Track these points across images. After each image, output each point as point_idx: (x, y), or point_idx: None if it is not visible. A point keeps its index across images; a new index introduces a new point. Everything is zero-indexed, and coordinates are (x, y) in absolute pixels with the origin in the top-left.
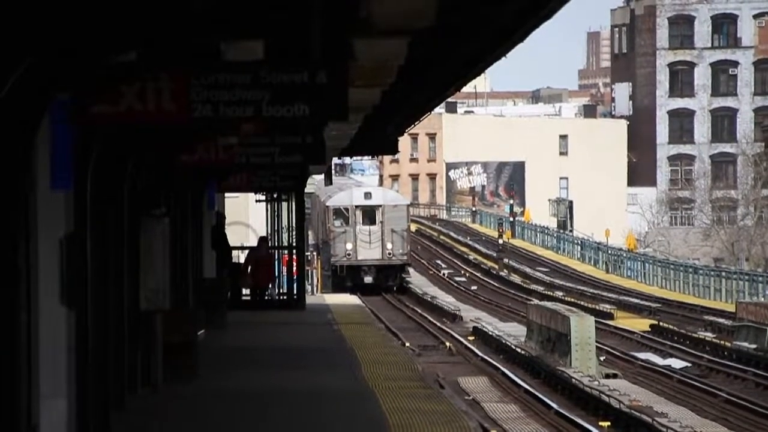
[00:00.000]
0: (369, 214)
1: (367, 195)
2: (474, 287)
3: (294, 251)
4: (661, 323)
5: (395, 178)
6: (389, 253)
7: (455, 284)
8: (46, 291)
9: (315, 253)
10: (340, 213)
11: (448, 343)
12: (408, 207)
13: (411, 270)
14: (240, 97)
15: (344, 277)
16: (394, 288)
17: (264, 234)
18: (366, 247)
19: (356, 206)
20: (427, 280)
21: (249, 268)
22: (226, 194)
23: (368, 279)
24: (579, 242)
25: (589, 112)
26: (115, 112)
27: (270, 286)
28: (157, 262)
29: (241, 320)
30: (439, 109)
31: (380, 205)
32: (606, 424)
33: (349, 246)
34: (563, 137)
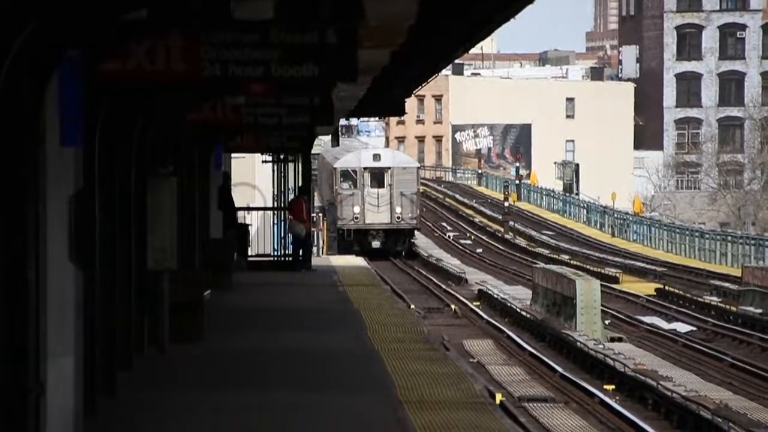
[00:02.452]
0: (377, 177)
1: (376, 157)
2: (479, 250)
3: None
4: (666, 287)
5: (401, 140)
6: (398, 217)
7: (461, 247)
8: (54, 249)
9: (321, 215)
10: (348, 175)
11: (453, 306)
12: (418, 170)
13: (417, 233)
14: (249, 57)
15: (351, 242)
16: (403, 253)
17: (268, 195)
18: (374, 210)
19: (365, 168)
20: (432, 242)
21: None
22: (233, 154)
23: (376, 243)
24: (585, 205)
25: (596, 74)
26: (125, 70)
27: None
28: (165, 222)
29: (247, 281)
30: (446, 71)
31: (389, 168)
32: (611, 387)
33: (357, 209)
34: (570, 100)
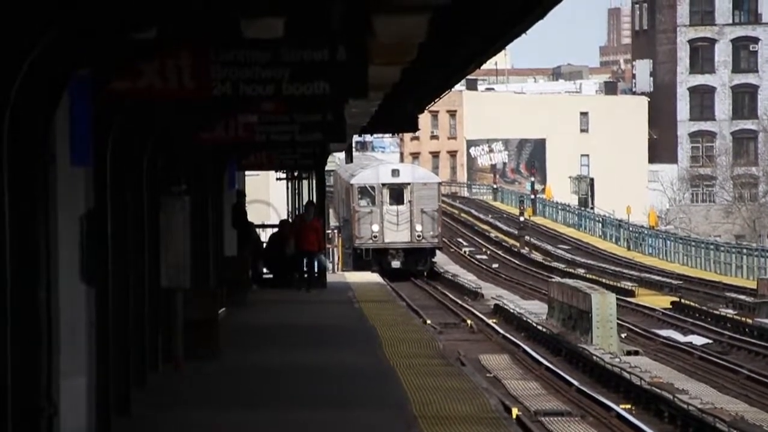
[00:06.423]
0: (396, 193)
1: (395, 172)
2: (495, 265)
3: None
4: (682, 300)
5: (416, 155)
6: (418, 236)
7: (476, 262)
8: (66, 268)
9: (336, 231)
10: (366, 192)
11: (469, 321)
12: (439, 185)
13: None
14: (260, 75)
15: (369, 261)
16: (424, 273)
17: (282, 212)
18: (393, 228)
19: (383, 184)
20: (448, 258)
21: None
22: (247, 172)
23: (396, 263)
24: (600, 219)
25: (609, 89)
26: (136, 89)
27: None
28: (178, 240)
29: (261, 298)
30: (460, 86)
31: (409, 183)
32: (628, 406)
33: (375, 227)
34: (584, 114)
